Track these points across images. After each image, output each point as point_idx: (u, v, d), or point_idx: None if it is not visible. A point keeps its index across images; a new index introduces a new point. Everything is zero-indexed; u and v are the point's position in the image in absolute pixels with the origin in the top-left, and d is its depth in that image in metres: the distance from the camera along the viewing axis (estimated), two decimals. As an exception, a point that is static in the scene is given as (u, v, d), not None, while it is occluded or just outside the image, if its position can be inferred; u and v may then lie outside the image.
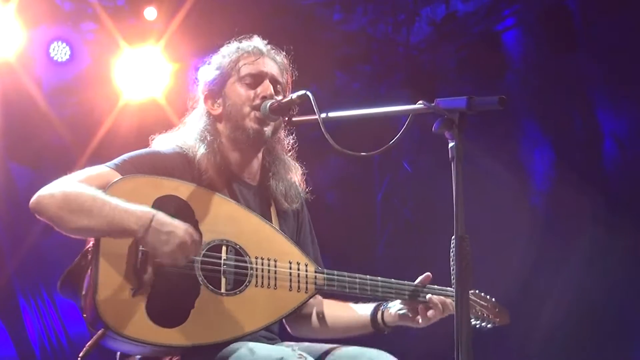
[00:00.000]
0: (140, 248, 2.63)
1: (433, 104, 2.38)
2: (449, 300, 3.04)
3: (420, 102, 2.43)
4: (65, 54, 6.14)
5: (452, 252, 2.24)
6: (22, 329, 6.61)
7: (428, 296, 3.03)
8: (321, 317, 3.15)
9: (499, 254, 6.07)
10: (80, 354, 2.60)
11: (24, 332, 6.62)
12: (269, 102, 2.93)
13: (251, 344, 2.68)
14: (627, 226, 6.12)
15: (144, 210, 2.62)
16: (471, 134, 2.38)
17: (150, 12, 6.07)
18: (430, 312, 3.03)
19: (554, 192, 6.73)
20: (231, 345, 2.66)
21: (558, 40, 6.51)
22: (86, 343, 2.63)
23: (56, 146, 6.31)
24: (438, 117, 2.35)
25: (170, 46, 6.18)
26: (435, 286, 3.10)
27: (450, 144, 2.31)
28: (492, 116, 2.71)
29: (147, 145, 3.09)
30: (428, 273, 3.09)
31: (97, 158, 2.86)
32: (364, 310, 3.13)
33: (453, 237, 2.25)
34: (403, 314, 3.06)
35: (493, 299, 3.30)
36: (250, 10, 6.27)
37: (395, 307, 3.09)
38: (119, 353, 2.85)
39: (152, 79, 6.23)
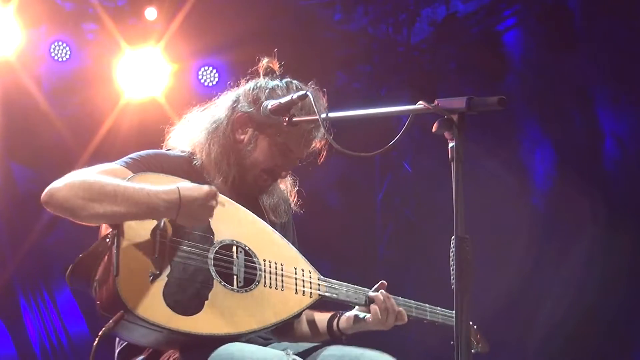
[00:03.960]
0: (158, 238, 2.66)
1: (433, 104, 2.38)
2: (392, 301, 3.03)
3: (420, 102, 2.42)
4: (65, 54, 6.14)
5: (452, 252, 2.25)
6: (22, 329, 6.62)
7: (371, 294, 3.04)
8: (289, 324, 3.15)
9: (499, 254, 6.07)
10: (100, 333, 2.59)
11: (24, 332, 6.63)
12: (269, 103, 2.93)
13: (245, 345, 2.70)
14: (627, 226, 6.12)
15: (168, 190, 2.65)
16: (471, 134, 2.38)
17: (151, 13, 6.08)
18: (377, 310, 3.02)
19: (555, 191, 6.74)
20: (225, 346, 2.67)
21: (558, 40, 6.52)
22: (86, 342, 2.64)
23: (56, 146, 6.31)
24: (438, 117, 2.35)
25: (170, 47, 6.19)
26: (438, 307, 3.18)
27: (450, 144, 2.31)
28: (492, 116, 2.71)
29: (147, 144, 3.11)
30: (383, 281, 3.09)
31: (98, 157, 2.87)
32: (321, 317, 3.17)
33: (453, 237, 2.25)
34: (355, 316, 3.07)
35: (475, 326, 3.36)
36: (250, 11, 6.28)
37: (351, 312, 3.11)
38: (117, 353, 2.86)
39: (152, 79, 6.24)
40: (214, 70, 6.52)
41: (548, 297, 6.39)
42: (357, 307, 3.10)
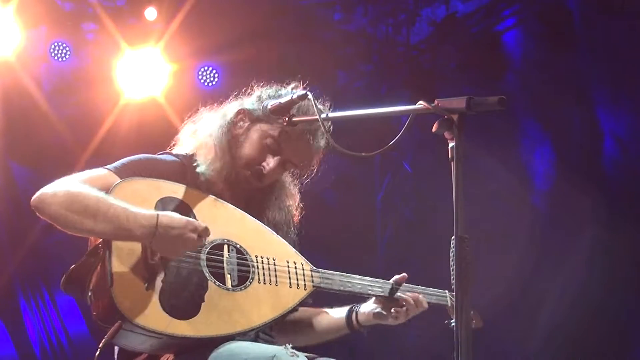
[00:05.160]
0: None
1: (433, 104, 2.37)
2: (420, 296, 3.14)
3: (420, 102, 2.42)
4: (65, 54, 6.14)
5: (452, 252, 2.25)
6: (22, 329, 6.62)
7: (398, 294, 3.11)
8: (299, 323, 3.19)
9: (499, 254, 6.07)
10: (100, 345, 2.61)
11: (24, 332, 6.63)
12: (269, 102, 2.92)
13: (244, 343, 2.73)
14: (627, 225, 6.12)
15: (147, 215, 2.65)
16: (471, 134, 2.38)
17: (151, 13, 6.08)
18: (404, 309, 3.12)
19: (555, 191, 6.73)
20: (224, 344, 2.70)
21: (558, 40, 6.51)
22: (86, 342, 2.65)
23: (56, 146, 6.32)
24: (438, 117, 2.35)
25: (170, 47, 6.19)
26: (418, 287, 3.20)
27: (450, 144, 2.31)
28: (492, 116, 2.71)
29: (147, 143, 3.12)
30: (404, 274, 3.15)
31: (98, 157, 2.88)
32: (338, 313, 3.21)
33: (453, 237, 2.25)
34: (377, 312, 3.14)
35: None
36: (250, 11, 6.28)
37: (368, 306, 3.16)
38: (117, 354, 2.86)
39: (152, 79, 6.24)
40: (214, 71, 6.52)
41: (549, 297, 6.38)
42: (374, 300, 3.13)
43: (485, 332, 3.32)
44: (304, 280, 2.95)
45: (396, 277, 3.15)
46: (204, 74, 6.52)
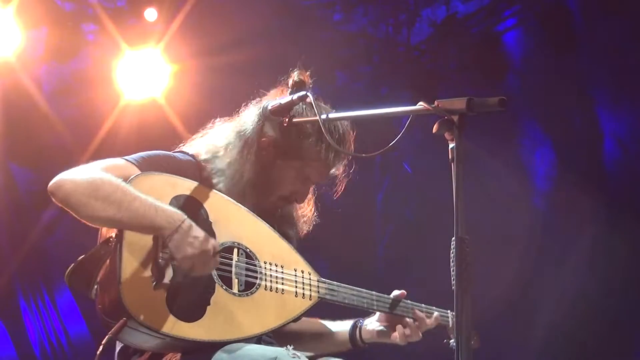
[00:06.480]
0: (160, 242, 2.64)
1: (433, 105, 2.37)
2: (428, 320, 3.16)
3: (420, 103, 2.42)
4: (65, 54, 6.14)
5: (452, 253, 2.25)
6: (22, 329, 6.62)
7: (398, 312, 3.12)
8: (301, 335, 3.17)
9: (499, 254, 6.07)
10: (104, 341, 2.59)
11: (24, 332, 6.63)
12: (269, 103, 2.92)
13: (245, 344, 2.72)
14: (627, 226, 6.12)
15: (175, 211, 2.65)
16: (472, 135, 2.38)
17: (151, 13, 6.08)
18: (406, 331, 3.14)
19: (555, 192, 6.74)
20: (226, 346, 2.69)
21: (558, 40, 6.52)
22: (86, 343, 2.65)
23: (56, 147, 6.32)
24: (438, 117, 2.35)
25: (170, 47, 6.19)
26: (423, 305, 3.20)
27: (451, 145, 2.31)
28: (493, 117, 2.71)
29: (147, 144, 3.11)
30: (403, 291, 3.15)
31: (98, 158, 2.85)
32: (341, 327, 3.20)
33: (453, 238, 2.25)
34: (380, 330, 3.15)
35: None
36: (251, 11, 6.28)
37: (372, 324, 3.17)
38: (117, 353, 2.86)
39: (152, 80, 6.24)
40: (214, 71, 6.50)
41: (549, 297, 6.38)
42: (378, 317, 3.15)
43: (485, 332, 3.32)
44: (310, 290, 2.94)
45: (395, 292, 3.15)
46: (204, 74, 6.51)
